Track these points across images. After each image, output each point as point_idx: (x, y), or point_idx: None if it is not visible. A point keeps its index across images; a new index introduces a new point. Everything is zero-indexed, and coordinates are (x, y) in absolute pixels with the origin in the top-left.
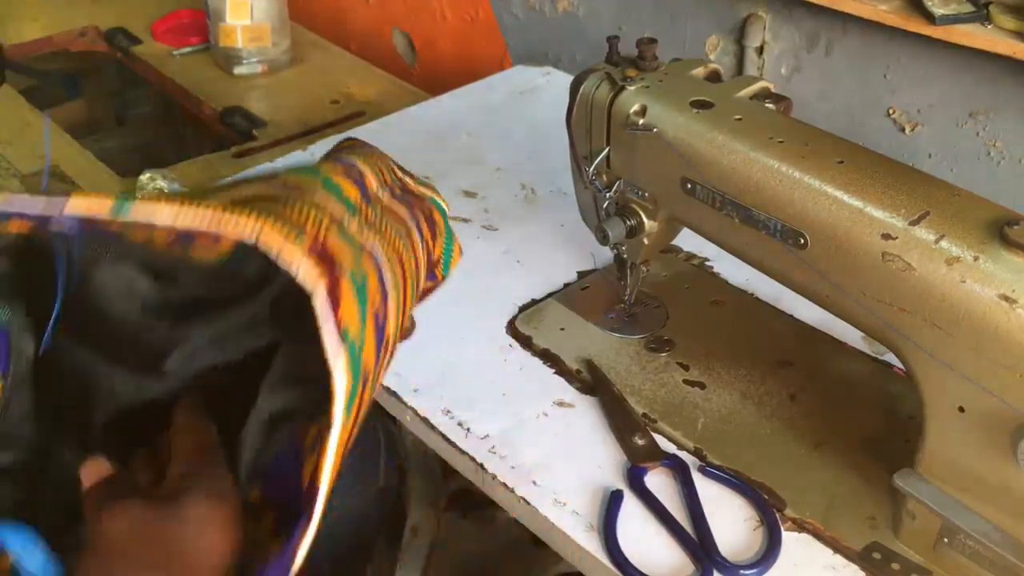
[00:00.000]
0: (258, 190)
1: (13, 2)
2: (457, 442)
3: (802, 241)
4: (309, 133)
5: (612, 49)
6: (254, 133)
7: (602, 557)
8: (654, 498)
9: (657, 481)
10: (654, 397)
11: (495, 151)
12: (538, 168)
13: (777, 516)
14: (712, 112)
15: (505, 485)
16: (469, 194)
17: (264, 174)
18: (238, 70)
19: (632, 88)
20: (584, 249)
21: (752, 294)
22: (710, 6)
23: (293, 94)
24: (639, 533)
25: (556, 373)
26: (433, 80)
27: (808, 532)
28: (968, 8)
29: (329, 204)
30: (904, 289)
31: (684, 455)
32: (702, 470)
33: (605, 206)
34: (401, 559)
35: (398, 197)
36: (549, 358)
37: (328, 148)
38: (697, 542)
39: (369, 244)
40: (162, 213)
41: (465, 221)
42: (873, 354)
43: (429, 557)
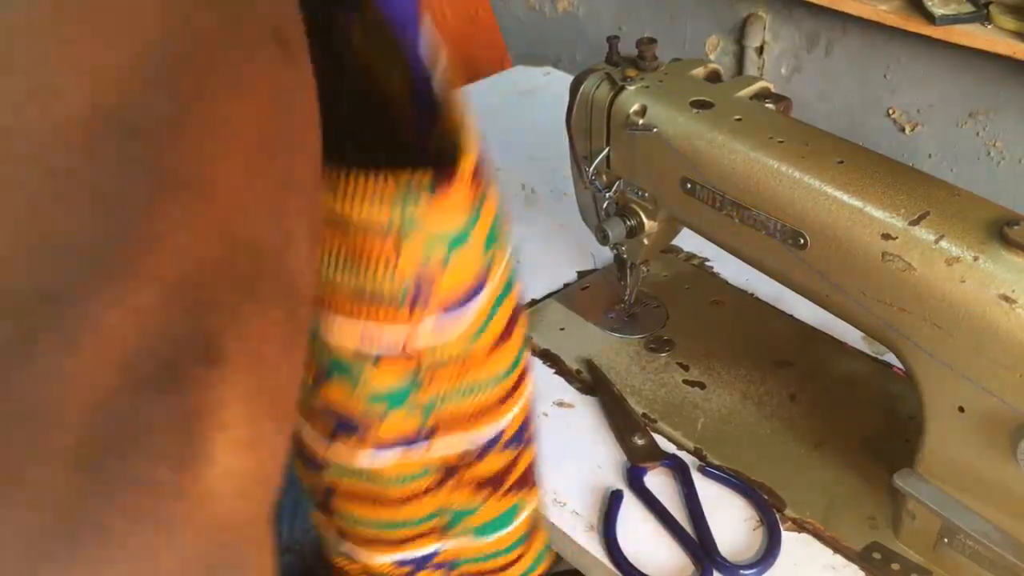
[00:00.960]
0: None
1: None
2: None
3: (802, 241)
4: None
5: (612, 49)
6: None
7: (602, 557)
8: (654, 498)
9: (657, 481)
10: (654, 397)
11: (495, 151)
12: (538, 168)
13: (777, 516)
14: (712, 112)
15: None
16: None
17: None
18: None
19: (632, 88)
20: (584, 249)
21: (752, 294)
22: (710, 6)
23: None
24: (639, 533)
25: (556, 373)
26: None
27: (808, 532)
28: (968, 8)
29: None
30: (904, 289)
31: (684, 455)
32: (702, 470)
33: (605, 206)
34: None
35: None
36: (549, 358)
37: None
38: (697, 542)
39: None
40: None
41: None
42: (873, 354)
43: None
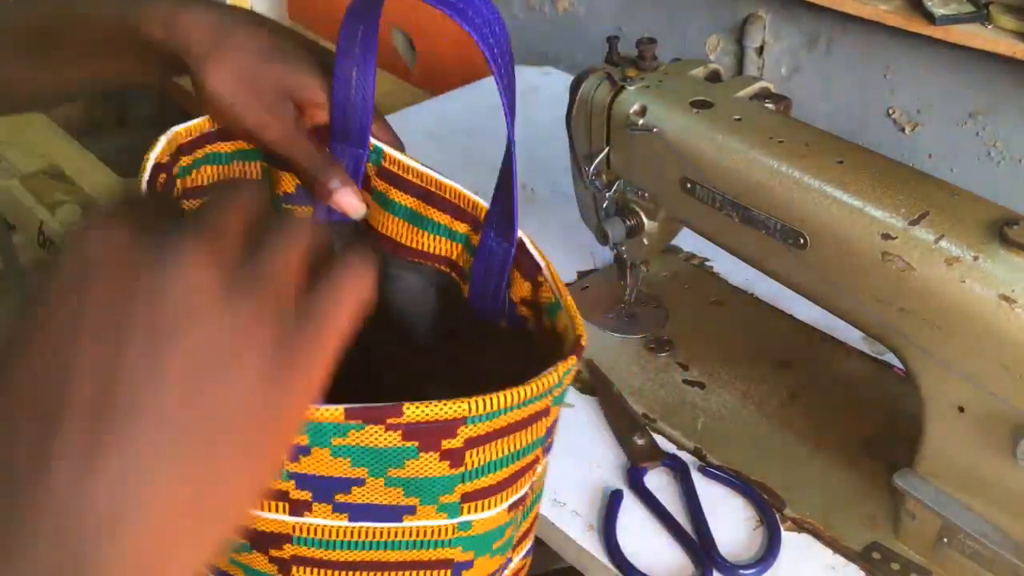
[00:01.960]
0: None
1: None
2: None
3: (802, 241)
4: None
5: (612, 49)
6: None
7: (602, 557)
8: (654, 498)
9: (657, 481)
10: (654, 397)
11: (495, 151)
12: (538, 168)
13: (777, 516)
14: (712, 112)
15: None
16: None
17: None
18: None
19: (632, 88)
20: (584, 249)
21: (752, 294)
22: (710, 6)
23: None
24: (639, 533)
25: None
26: (433, 80)
27: (808, 532)
28: (968, 8)
29: None
30: (904, 289)
31: (684, 455)
32: (702, 470)
33: (605, 206)
34: None
35: None
36: None
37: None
38: (697, 542)
39: None
40: None
41: None
42: (873, 354)
43: None
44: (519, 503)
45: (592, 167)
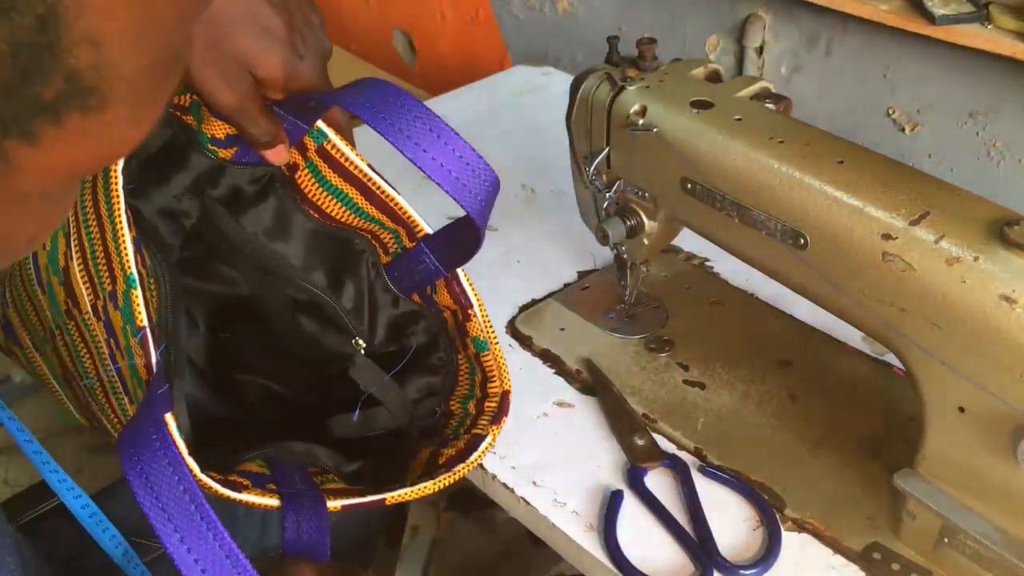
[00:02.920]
0: None
1: None
2: None
3: (802, 241)
4: None
5: (612, 49)
6: None
7: (602, 557)
8: (654, 498)
9: (657, 481)
10: (654, 397)
11: (495, 151)
12: (538, 168)
13: (777, 516)
14: (712, 112)
15: (505, 485)
16: None
17: None
18: None
19: (632, 88)
20: (584, 249)
21: (752, 294)
22: (710, 6)
23: None
24: (639, 533)
25: (556, 373)
26: (433, 80)
27: (808, 532)
28: (968, 8)
29: None
30: (904, 289)
31: (684, 455)
32: (702, 470)
33: (605, 206)
34: (401, 559)
35: None
36: (549, 358)
37: None
38: (697, 542)
39: None
40: None
41: None
42: (873, 354)
43: (429, 557)
44: None
45: (592, 167)
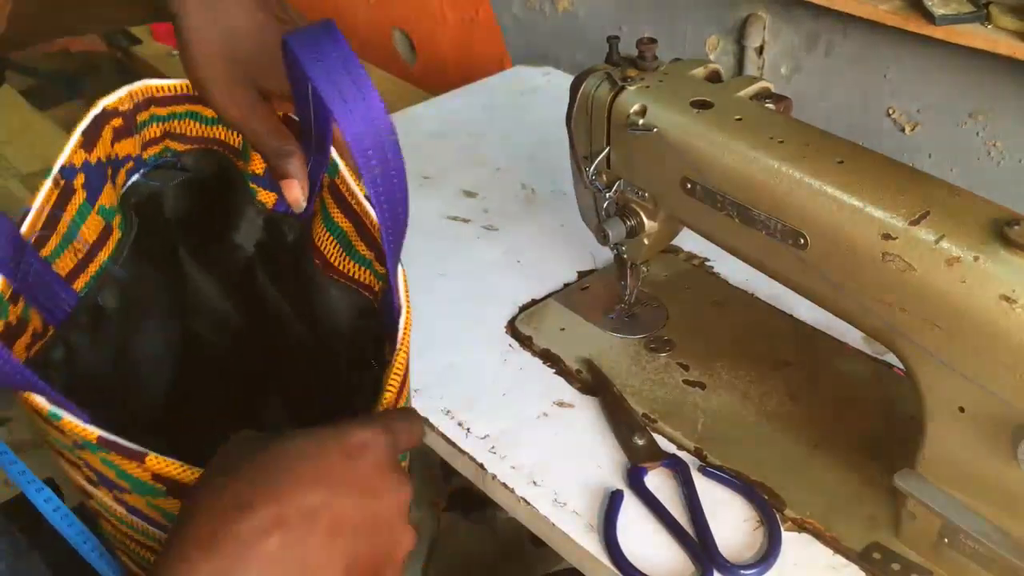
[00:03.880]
0: None
1: None
2: (457, 442)
3: (802, 241)
4: None
5: (612, 49)
6: None
7: (602, 557)
8: (654, 498)
9: (657, 481)
10: (654, 397)
11: (495, 151)
12: (538, 168)
13: (777, 516)
14: (712, 112)
15: (505, 485)
16: (469, 194)
17: None
18: None
19: (632, 88)
20: (584, 249)
21: (752, 294)
22: (710, 6)
23: None
24: (639, 533)
25: (556, 373)
26: (433, 80)
27: (808, 532)
28: (968, 8)
29: None
30: (904, 289)
31: (684, 455)
32: (702, 470)
33: (605, 206)
34: None
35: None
36: (549, 358)
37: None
38: (697, 542)
39: None
40: None
41: (465, 221)
42: (873, 354)
43: (429, 557)
44: None
45: (592, 167)
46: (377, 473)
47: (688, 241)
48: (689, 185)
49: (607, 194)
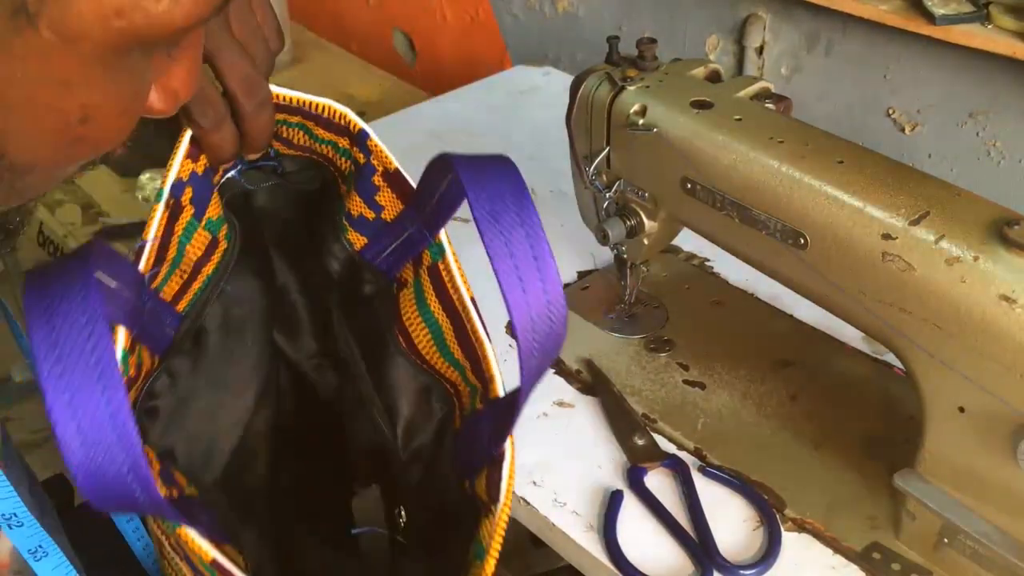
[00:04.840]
0: None
1: None
2: None
3: (802, 241)
4: None
5: (612, 49)
6: None
7: (602, 557)
8: (654, 498)
9: (657, 481)
10: (654, 397)
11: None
12: (538, 168)
13: (777, 516)
14: (712, 112)
15: None
16: None
17: None
18: None
19: (632, 88)
20: (584, 249)
21: (752, 294)
22: (710, 6)
23: None
24: (639, 533)
25: (556, 373)
26: (433, 80)
27: (808, 532)
28: (968, 8)
29: None
30: (904, 289)
31: (684, 455)
32: (702, 470)
33: (605, 206)
34: None
35: None
36: None
37: (322, 100)
38: (697, 542)
39: None
40: None
41: (465, 221)
42: (873, 354)
43: None
44: None
45: (592, 167)
46: None
47: (688, 241)
48: (689, 185)
49: (607, 194)
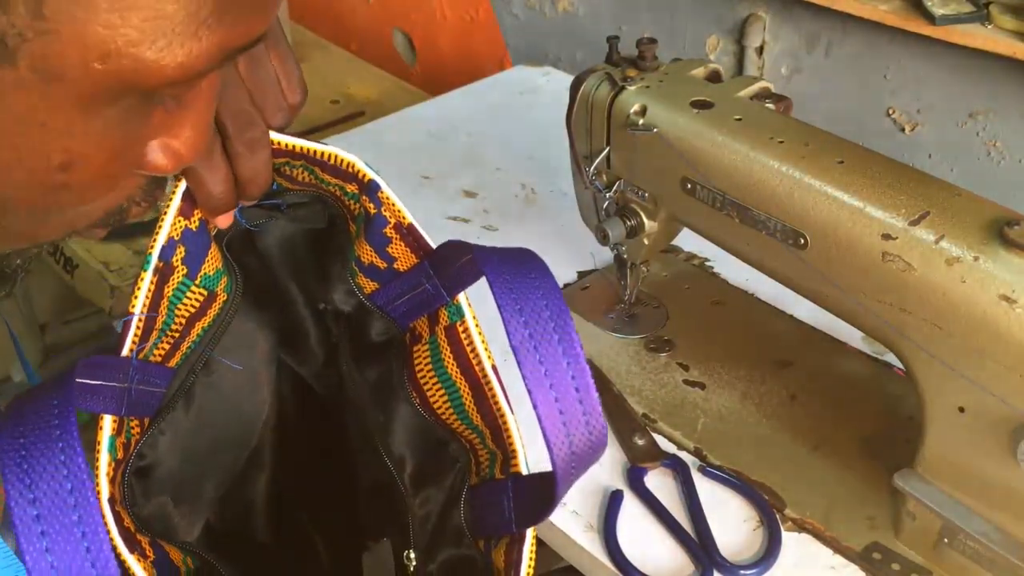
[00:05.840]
0: None
1: None
2: None
3: (802, 241)
4: (309, 132)
5: (612, 49)
6: None
7: (602, 557)
8: (654, 498)
9: (657, 481)
10: (654, 397)
11: (495, 151)
12: (538, 168)
13: (777, 516)
14: (712, 112)
15: None
16: (469, 194)
17: None
18: None
19: (632, 88)
20: (584, 249)
21: (752, 294)
22: (710, 6)
23: None
24: (639, 533)
25: None
26: (433, 80)
27: (808, 532)
28: (968, 8)
29: None
30: (904, 289)
31: (684, 455)
32: (702, 470)
33: (605, 206)
34: None
35: None
36: None
37: (329, 148)
38: (697, 542)
39: None
40: None
41: (465, 221)
42: (873, 354)
43: None
44: None
45: (592, 167)
46: None
47: (688, 241)
48: (689, 185)
49: (607, 194)
